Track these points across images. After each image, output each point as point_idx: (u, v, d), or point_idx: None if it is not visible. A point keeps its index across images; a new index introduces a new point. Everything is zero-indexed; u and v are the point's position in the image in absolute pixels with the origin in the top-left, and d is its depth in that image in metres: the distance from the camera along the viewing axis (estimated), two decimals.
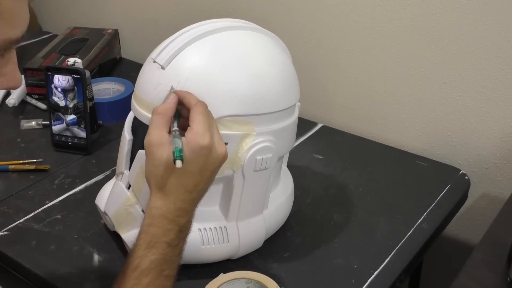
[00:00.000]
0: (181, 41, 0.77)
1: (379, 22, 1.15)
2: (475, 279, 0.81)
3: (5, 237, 0.93)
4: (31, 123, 1.23)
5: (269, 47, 0.82)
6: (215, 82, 0.75)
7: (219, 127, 0.74)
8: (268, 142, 0.78)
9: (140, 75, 0.81)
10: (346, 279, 0.85)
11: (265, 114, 0.78)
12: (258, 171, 0.79)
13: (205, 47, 0.77)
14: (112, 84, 1.33)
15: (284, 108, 0.80)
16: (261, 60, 0.79)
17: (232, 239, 0.83)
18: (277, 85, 0.79)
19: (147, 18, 1.56)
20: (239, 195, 0.81)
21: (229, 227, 0.83)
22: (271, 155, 0.79)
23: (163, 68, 0.76)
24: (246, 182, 0.80)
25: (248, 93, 0.76)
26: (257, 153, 0.78)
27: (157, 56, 0.77)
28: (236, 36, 0.80)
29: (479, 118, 1.11)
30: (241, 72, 0.77)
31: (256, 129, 0.77)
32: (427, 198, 1.03)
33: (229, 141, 0.76)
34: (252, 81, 0.77)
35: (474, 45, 1.06)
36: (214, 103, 0.74)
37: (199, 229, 0.82)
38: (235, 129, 0.76)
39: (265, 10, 1.30)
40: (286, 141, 0.84)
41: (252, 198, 0.82)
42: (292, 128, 0.85)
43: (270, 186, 0.85)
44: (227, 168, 0.78)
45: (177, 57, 0.76)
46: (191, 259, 0.83)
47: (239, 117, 0.76)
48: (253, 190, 0.82)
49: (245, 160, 0.78)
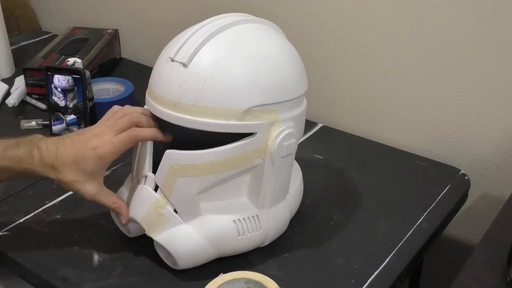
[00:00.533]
0: (198, 37, 0.78)
1: (379, 22, 1.15)
2: (475, 279, 0.81)
3: (5, 237, 0.93)
4: (31, 123, 1.23)
5: (278, 37, 0.85)
6: (239, 74, 0.77)
7: (248, 118, 0.78)
8: (291, 128, 0.82)
9: (158, 75, 0.81)
10: (346, 279, 0.85)
11: (286, 101, 0.81)
12: (285, 157, 0.83)
13: (223, 42, 0.79)
14: (112, 84, 1.33)
15: (301, 94, 0.85)
16: (275, 50, 0.82)
17: (264, 226, 0.85)
18: (293, 72, 0.83)
19: (147, 18, 1.56)
20: (269, 182, 0.83)
21: (260, 215, 0.85)
22: (294, 140, 0.83)
23: (185, 66, 0.77)
24: (275, 169, 0.82)
25: (270, 82, 0.79)
26: (284, 139, 0.81)
27: (175, 54, 0.78)
28: (247, 29, 0.82)
29: (479, 118, 1.11)
30: (261, 62, 0.79)
31: (280, 116, 0.80)
32: (427, 198, 1.03)
33: (258, 131, 0.79)
34: (272, 70, 0.80)
35: (474, 45, 1.06)
36: (242, 94, 0.77)
37: (234, 220, 0.83)
38: (262, 118, 0.79)
39: (265, 10, 1.30)
40: (302, 126, 0.88)
41: (280, 184, 0.85)
42: (304, 114, 0.88)
43: (292, 170, 0.88)
44: (257, 157, 0.81)
45: (198, 53, 0.77)
46: (229, 251, 0.85)
47: (265, 106, 0.79)
48: (281, 175, 0.85)
49: (274, 148, 0.80)
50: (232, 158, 0.80)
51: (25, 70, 1.33)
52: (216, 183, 0.82)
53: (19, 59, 1.52)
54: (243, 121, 0.78)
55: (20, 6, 1.74)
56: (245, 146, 0.80)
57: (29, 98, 1.34)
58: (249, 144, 0.80)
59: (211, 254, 0.84)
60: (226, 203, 0.85)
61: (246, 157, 0.80)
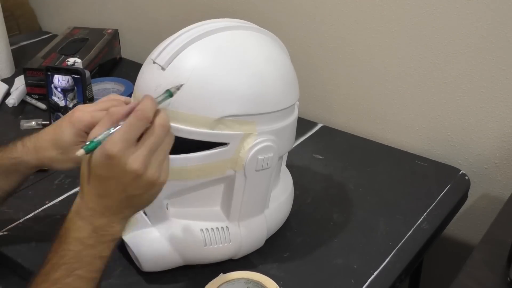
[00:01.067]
0: (181, 41, 0.77)
1: (379, 22, 1.15)
2: (475, 279, 0.81)
3: (5, 237, 0.93)
4: (31, 123, 1.23)
5: (269, 47, 0.82)
6: (216, 82, 0.75)
7: (221, 127, 0.74)
8: (269, 141, 0.79)
9: (140, 76, 0.80)
10: (346, 279, 0.85)
11: (266, 113, 0.78)
12: (259, 171, 0.80)
13: (205, 47, 0.77)
14: (112, 84, 1.33)
15: (284, 108, 0.80)
16: (261, 60, 0.79)
17: (234, 239, 0.83)
18: (278, 84, 0.79)
19: (147, 18, 1.56)
20: (240, 194, 0.81)
21: (231, 227, 0.83)
22: (272, 155, 0.80)
23: (163, 69, 0.75)
24: (248, 181, 0.80)
25: (249, 93, 0.76)
26: (259, 152, 0.78)
27: (157, 56, 0.77)
28: (236, 36, 0.80)
29: (479, 118, 1.11)
30: (242, 72, 0.77)
31: (257, 128, 0.78)
32: (427, 198, 1.03)
33: (230, 141, 0.76)
34: (253, 80, 0.77)
35: (474, 45, 1.06)
36: (215, 103, 0.74)
37: (201, 229, 0.82)
38: (236, 129, 0.76)
39: (265, 10, 1.30)
40: (286, 140, 0.84)
41: (253, 197, 0.83)
42: (292, 127, 0.85)
43: (271, 185, 0.85)
44: (228, 168, 0.78)
45: (177, 57, 0.76)
46: (194, 259, 0.84)
47: (241, 117, 0.76)
48: (255, 189, 0.82)
49: (246, 160, 0.78)
50: (202, 166, 0.77)
51: (25, 70, 1.33)
52: (185, 189, 0.80)
53: (19, 59, 1.52)
54: (215, 130, 0.75)
55: (20, 6, 1.75)
56: (216, 155, 0.77)
57: (29, 98, 1.34)
58: (220, 153, 0.77)
59: (176, 260, 0.83)
60: (197, 211, 0.83)
61: (217, 167, 0.78)
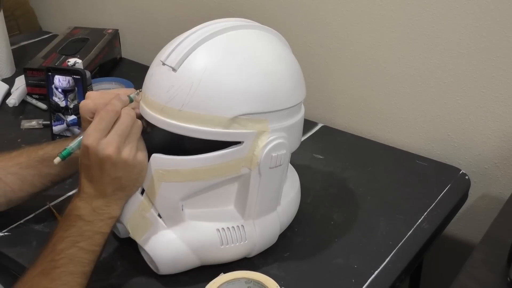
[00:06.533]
0: (190, 42, 0.77)
1: (379, 22, 1.16)
2: (475, 279, 0.81)
3: (5, 238, 0.93)
4: (32, 123, 1.23)
5: (275, 45, 0.83)
6: (228, 81, 0.75)
7: (235, 126, 0.75)
8: (282, 138, 0.80)
9: (149, 78, 0.80)
10: (346, 279, 0.85)
11: (278, 111, 0.79)
12: (273, 168, 0.80)
13: (215, 47, 0.77)
14: (113, 84, 1.33)
15: (295, 104, 0.81)
16: (270, 58, 0.80)
17: (249, 237, 0.84)
18: (287, 81, 0.80)
19: (147, 18, 1.56)
20: (255, 193, 0.81)
21: (246, 225, 0.84)
22: (285, 151, 0.81)
23: (174, 70, 0.76)
24: (262, 179, 0.81)
25: (261, 90, 0.77)
26: (272, 150, 0.79)
27: (166, 58, 0.77)
28: (243, 35, 0.80)
29: (479, 118, 1.11)
30: (253, 70, 0.77)
31: (270, 126, 0.79)
32: (427, 198, 1.03)
33: (244, 140, 0.77)
34: (264, 79, 0.77)
35: (474, 45, 1.06)
36: (229, 102, 0.75)
37: (217, 229, 0.82)
38: (250, 127, 0.77)
39: (265, 10, 1.30)
40: (296, 137, 0.85)
41: (268, 195, 0.83)
42: (301, 124, 0.86)
43: (283, 182, 0.86)
44: (243, 167, 0.79)
45: (187, 58, 0.76)
46: (210, 259, 0.84)
47: (254, 115, 0.77)
48: (269, 187, 0.83)
49: (261, 158, 0.78)
50: (217, 166, 0.78)
51: (26, 70, 1.33)
52: (200, 190, 0.80)
53: (19, 59, 1.52)
54: (229, 129, 0.76)
55: (20, 6, 1.75)
56: (231, 154, 0.78)
57: (29, 98, 1.34)
58: (235, 153, 0.78)
59: (193, 261, 0.83)
60: (212, 211, 0.83)
61: (232, 166, 0.78)
